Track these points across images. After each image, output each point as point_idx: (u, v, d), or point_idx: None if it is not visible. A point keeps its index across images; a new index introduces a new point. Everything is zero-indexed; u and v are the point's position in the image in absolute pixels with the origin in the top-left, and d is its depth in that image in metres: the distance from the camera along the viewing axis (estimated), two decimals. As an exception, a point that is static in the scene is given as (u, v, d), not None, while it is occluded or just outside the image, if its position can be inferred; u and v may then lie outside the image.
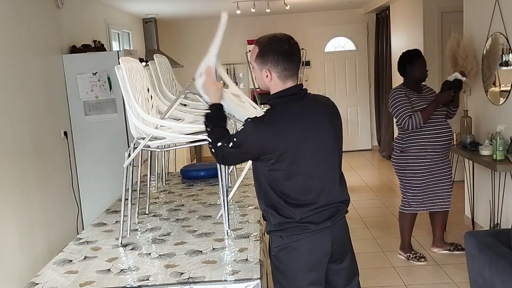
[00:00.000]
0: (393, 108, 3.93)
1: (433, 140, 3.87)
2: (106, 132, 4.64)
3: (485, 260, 2.71)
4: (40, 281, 2.02)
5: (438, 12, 6.10)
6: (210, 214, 2.78)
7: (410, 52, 4.03)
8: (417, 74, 3.94)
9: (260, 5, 6.96)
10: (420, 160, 3.90)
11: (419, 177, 3.93)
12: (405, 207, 4.06)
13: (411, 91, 3.93)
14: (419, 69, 3.93)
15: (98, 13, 5.73)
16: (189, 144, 2.54)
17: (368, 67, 8.84)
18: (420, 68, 3.93)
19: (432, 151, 3.88)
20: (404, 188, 4.06)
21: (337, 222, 2.09)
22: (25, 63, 3.88)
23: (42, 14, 4.24)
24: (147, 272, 2.04)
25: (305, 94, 2.08)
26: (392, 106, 3.94)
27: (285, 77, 2.02)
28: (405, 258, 4.10)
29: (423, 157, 3.89)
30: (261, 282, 1.92)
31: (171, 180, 3.75)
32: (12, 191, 3.51)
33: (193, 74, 2.23)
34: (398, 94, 3.91)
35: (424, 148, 3.88)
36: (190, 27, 8.72)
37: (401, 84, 4.03)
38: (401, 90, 3.94)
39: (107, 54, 4.81)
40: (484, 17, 4.25)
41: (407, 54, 4.03)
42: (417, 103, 3.86)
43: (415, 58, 3.94)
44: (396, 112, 3.90)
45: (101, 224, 2.75)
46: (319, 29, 8.74)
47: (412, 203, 4.01)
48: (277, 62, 2.00)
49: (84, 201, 4.70)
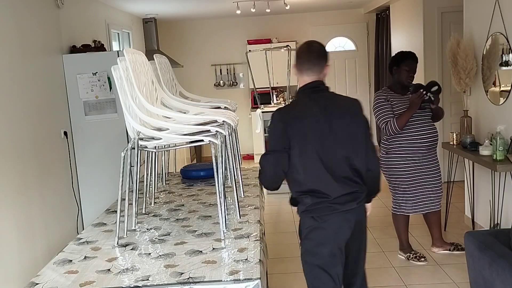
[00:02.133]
0: (374, 112, 4.00)
1: (417, 141, 3.89)
2: (106, 132, 4.64)
3: (485, 260, 2.71)
4: (40, 281, 2.02)
5: (438, 12, 6.10)
6: (210, 214, 2.78)
7: (399, 54, 4.04)
8: (401, 78, 3.95)
9: (260, 5, 6.96)
10: (405, 161, 3.93)
11: (406, 177, 3.96)
12: (396, 209, 4.09)
13: (395, 94, 3.95)
14: (404, 73, 3.93)
15: (98, 13, 5.73)
16: (188, 144, 2.54)
17: (368, 67, 8.85)
18: (406, 72, 3.93)
19: (417, 152, 3.91)
20: (393, 190, 4.09)
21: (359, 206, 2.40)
22: (25, 63, 3.88)
23: (42, 14, 4.24)
24: (147, 272, 2.04)
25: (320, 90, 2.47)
26: (373, 110, 4.01)
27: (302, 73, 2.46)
28: (405, 258, 4.10)
29: (408, 158, 3.92)
30: (261, 282, 1.92)
31: (171, 180, 3.75)
32: (12, 191, 3.51)
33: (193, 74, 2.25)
34: (379, 98, 3.96)
35: (407, 149, 3.91)
36: (190, 27, 8.72)
37: (385, 86, 4.09)
38: (382, 93, 3.99)
39: (107, 54, 4.81)
40: (484, 17, 4.25)
41: (395, 56, 4.05)
42: (398, 107, 3.90)
43: (401, 61, 3.95)
44: (376, 117, 3.97)
45: (101, 224, 2.74)
46: (319, 29, 8.74)
47: (402, 205, 4.03)
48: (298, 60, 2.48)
49: (84, 201, 4.70)
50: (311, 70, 2.44)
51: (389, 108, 3.89)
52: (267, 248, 2.56)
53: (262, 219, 2.72)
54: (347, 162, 2.36)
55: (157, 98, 2.85)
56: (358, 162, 2.38)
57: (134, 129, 2.48)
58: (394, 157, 3.96)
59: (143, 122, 2.49)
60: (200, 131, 2.45)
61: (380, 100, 3.94)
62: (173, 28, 8.69)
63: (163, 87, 3.04)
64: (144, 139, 2.52)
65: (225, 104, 3.41)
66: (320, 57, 2.46)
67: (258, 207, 2.87)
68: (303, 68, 2.45)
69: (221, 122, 2.57)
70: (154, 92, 2.84)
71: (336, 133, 2.35)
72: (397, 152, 3.94)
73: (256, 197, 3.10)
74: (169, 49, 8.52)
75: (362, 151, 2.40)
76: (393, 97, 3.93)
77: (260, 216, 2.71)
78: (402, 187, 4.00)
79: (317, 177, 2.33)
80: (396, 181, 4.01)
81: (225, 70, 8.85)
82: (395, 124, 3.82)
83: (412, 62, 3.94)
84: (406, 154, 3.92)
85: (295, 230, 5.03)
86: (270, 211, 5.75)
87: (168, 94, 3.04)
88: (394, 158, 3.96)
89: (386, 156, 4.01)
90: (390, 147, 3.97)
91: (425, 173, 3.96)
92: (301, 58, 2.47)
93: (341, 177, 2.34)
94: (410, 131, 3.88)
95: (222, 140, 2.47)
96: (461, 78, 4.40)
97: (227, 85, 8.86)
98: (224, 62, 8.83)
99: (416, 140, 3.89)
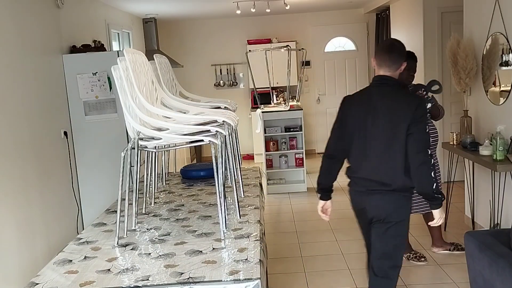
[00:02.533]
0: None
1: None
2: (106, 132, 4.64)
3: (485, 260, 2.71)
4: (40, 281, 2.02)
5: (438, 12, 6.10)
6: (210, 214, 2.78)
7: None
8: (401, 78, 3.93)
9: (260, 5, 6.96)
10: None
11: None
12: None
13: None
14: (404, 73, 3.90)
15: (98, 13, 5.73)
16: (188, 144, 2.54)
17: (368, 67, 8.84)
18: (405, 72, 3.90)
19: None
20: None
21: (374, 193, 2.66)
22: (25, 63, 3.88)
23: (42, 14, 4.24)
24: (147, 272, 2.04)
25: (382, 84, 2.68)
26: None
27: (379, 68, 2.71)
28: (405, 258, 4.10)
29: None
30: (261, 282, 1.92)
31: (171, 180, 3.75)
32: (12, 191, 3.51)
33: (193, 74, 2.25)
34: None
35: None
36: (190, 27, 8.72)
37: None
38: None
39: (107, 54, 4.81)
40: (484, 17, 4.25)
41: None
42: None
43: None
44: None
45: (101, 224, 2.75)
46: (319, 29, 8.74)
47: None
48: (378, 56, 2.72)
49: (84, 201, 4.70)
50: (389, 67, 2.68)
51: None
52: (267, 248, 2.56)
53: (262, 219, 2.72)
54: (378, 155, 2.61)
55: (157, 98, 2.85)
56: (389, 159, 2.59)
57: (134, 129, 2.48)
58: None
59: (143, 122, 2.49)
60: (200, 131, 2.45)
61: None
62: (173, 28, 8.69)
63: (163, 87, 3.04)
64: (144, 139, 2.52)
65: (225, 104, 3.41)
66: (399, 57, 2.68)
67: (258, 207, 2.87)
68: (382, 64, 2.69)
69: (221, 122, 2.57)
70: (154, 92, 2.84)
71: (375, 126, 2.61)
72: None
73: (256, 197, 3.10)
74: (169, 49, 8.53)
75: (395, 152, 2.57)
76: None
77: (260, 216, 2.71)
78: None
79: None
80: None
81: (225, 70, 8.85)
82: None
83: (412, 62, 3.93)
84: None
85: (295, 230, 5.03)
86: (270, 211, 5.75)
87: (168, 94, 3.04)
88: None
89: None
90: None
91: None
92: (382, 55, 2.69)
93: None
94: None
95: (222, 140, 2.47)
96: (461, 78, 4.40)
97: (227, 85, 8.86)
98: (224, 62, 8.83)
99: None
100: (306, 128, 8.16)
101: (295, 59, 8.37)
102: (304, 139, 6.60)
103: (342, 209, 5.67)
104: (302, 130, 6.54)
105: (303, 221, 5.32)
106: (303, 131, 6.57)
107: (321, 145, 8.85)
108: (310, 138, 8.77)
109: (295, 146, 6.57)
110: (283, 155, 6.62)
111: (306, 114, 8.20)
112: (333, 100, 8.87)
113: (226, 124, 2.59)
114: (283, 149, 6.58)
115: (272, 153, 6.60)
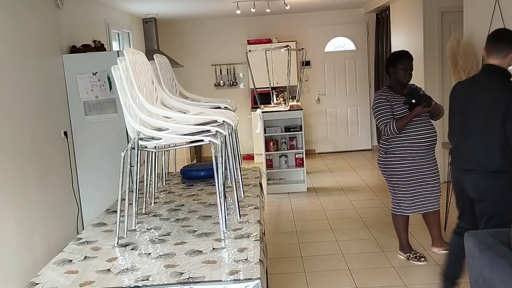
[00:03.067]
0: (373, 112, 4.02)
1: (417, 141, 3.89)
2: (106, 132, 4.64)
3: (485, 260, 2.71)
4: (40, 281, 2.02)
5: (438, 12, 6.10)
6: (210, 214, 2.78)
7: (393, 55, 4.04)
8: (399, 77, 3.95)
9: (260, 5, 6.96)
10: (405, 161, 3.93)
11: (405, 177, 3.96)
12: (396, 209, 4.09)
13: (394, 94, 3.96)
14: (401, 72, 3.93)
15: (98, 13, 5.74)
16: (188, 144, 2.54)
17: (368, 67, 8.85)
18: (402, 71, 3.93)
19: (416, 152, 3.91)
20: (392, 190, 4.09)
21: (465, 171, 3.01)
22: (25, 63, 3.88)
23: (42, 14, 4.24)
24: (147, 272, 2.04)
25: (485, 73, 2.95)
26: (373, 111, 4.01)
27: (488, 56, 2.94)
28: (405, 258, 4.10)
29: (407, 158, 3.92)
30: (261, 282, 1.92)
31: (171, 180, 3.75)
32: (12, 191, 3.51)
33: (193, 74, 2.26)
34: (379, 98, 3.96)
35: (407, 149, 3.91)
36: (190, 27, 8.72)
37: (385, 86, 4.08)
38: (382, 93, 3.99)
39: (107, 54, 4.81)
40: (484, 17, 4.25)
41: (390, 57, 4.05)
42: (398, 106, 3.89)
43: (397, 61, 3.95)
44: (376, 117, 3.98)
45: (101, 224, 2.75)
46: (319, 29, 8.74)
47: (402, 205, 4.04)
48: (487, 45, 2.94)
49: (84, 201, 4.70)
50: (496, 54, 2.90)
51: (388, 109, 3.89)
52: (267, 248, 2.56)
53: (262, 219, 2.72)
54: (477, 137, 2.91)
55: (157, 98, 2.85)
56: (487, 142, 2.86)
57: (134, 129, 2.48)
58: (393, 157, 3.96)
59: (143, 122, 2.49)
60: (200, 131, 2.45)
61: (380, 101, 3.94)
62: (173, 28, 8.70)
63: (163, 87, 3.04)
64: (144, 139, 2.52)
65: (225, 104, 3.41)
66: (506, 45, 2.88)
67: (258, 207, 2.87)
68: (490, 53, 2.91)
69: (221, 122, 2.57)
70: (154, 92, 2.84)
71: (475, 109, 2.91)
72: (396, 152, 3.94)
73: (256, 197, 3.10)
74: (169, 49, 8.53)
75: (493, 135, 2.83)
76: (393, 97, 3.94)
77: (260, 216, 2.71)
78: (401, 187, 4.00)
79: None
80: (395, 181, 4.01)
81: (225, 70, 8.85)
82: (394, 126, 3.83)
83: (408, 60, 3.95)
84: (405, 154, 3.92)
85: (295, 230, 5.03)
86: (270, 211, 5.75)
87: (168, 94, 3.04)
88: (393, 158, 3.96)
89: (385, 156, 4.01)
90: (389, 147, 3.97)
91: (423, 173, 3.97)
92: (490, 43, 2.92)
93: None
94: (409, 131, 3.89)
95: (222, 140, 2.47)
96: (461, 78, 4.40)
97: (227, 85, 8.86)
98: (224, 62, 8.83)
99: (415, 140, 3.89)
100: (306, 128, 8.17)
101: (295, 59, 8.37)
102: (304, 139, 6.60)
103: (342, 209, 5.68)
104: (302, 130, 6.55)
105: (303, 221, 5.32)
106: (303, 131, 6.57)
107: (321, 145, 8.86)
108: (310, 138, 8.77)
109: (295, 146, 6.58)
110: (283, 155, 6.63)
111: (306, 114, 8.20)
112: (333, 100, 8.88)
113: (226, 124, 2.59)
114: (283, 149, 6.58)
115: (272, 153, 6.61)
